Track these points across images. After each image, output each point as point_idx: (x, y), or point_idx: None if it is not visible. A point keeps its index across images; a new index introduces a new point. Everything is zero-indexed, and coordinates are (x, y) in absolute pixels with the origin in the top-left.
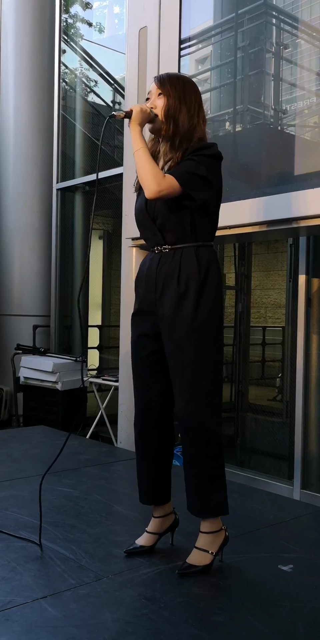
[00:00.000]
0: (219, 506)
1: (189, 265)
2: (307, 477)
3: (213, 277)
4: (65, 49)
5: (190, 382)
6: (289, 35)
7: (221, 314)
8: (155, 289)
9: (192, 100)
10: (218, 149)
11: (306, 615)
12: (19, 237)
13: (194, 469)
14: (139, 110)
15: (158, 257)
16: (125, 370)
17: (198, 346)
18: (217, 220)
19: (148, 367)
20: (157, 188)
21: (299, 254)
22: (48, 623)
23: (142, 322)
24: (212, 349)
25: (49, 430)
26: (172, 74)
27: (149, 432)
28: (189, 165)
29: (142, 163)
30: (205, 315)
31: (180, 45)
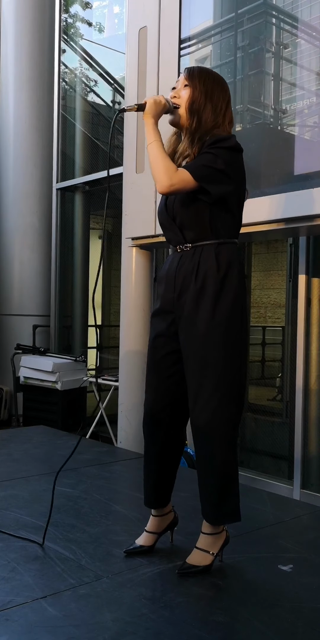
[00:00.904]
0: (231, 514)
1: (207, 264)
2: (307, 477)
3: (233, 276)
4: (65, 49)
5: (209, 383)
6: (289, 35)
7: (242, 315)
8: (174, 289)
9: (219, 98)
10: (236, 142)
11: (306, 615)
12: (18, 237)
13: (208, 477)
14: (153, 102)
15: (179, 256)
16: (125, 370)
17: (216, 348)
18: (241, 215)
19: (163, 370)
20: (169, 182)
21: (299, 254)
22: (48, 623)
23: (160, 321)
24: (232, 352)
25: (48, 430)
26: (204, 68)
27: (158, 436)
28: (205, 158)
29: (154, 156)
30: (223, 316)
31: (180, 45)
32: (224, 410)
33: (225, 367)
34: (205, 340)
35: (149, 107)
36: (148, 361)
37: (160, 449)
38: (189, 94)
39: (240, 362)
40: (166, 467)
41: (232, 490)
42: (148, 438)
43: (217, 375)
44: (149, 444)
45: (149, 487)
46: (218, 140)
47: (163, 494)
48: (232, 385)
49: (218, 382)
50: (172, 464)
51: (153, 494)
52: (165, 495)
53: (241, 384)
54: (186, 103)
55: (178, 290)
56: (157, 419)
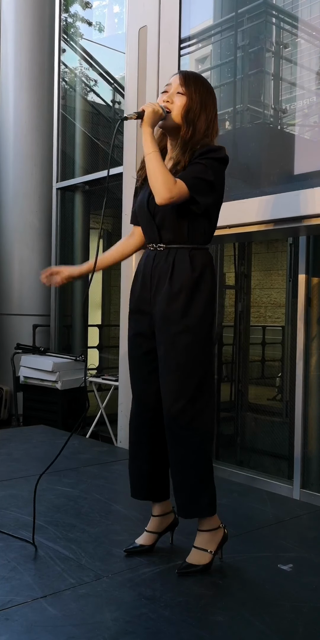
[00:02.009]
0: (205, 508)
1: (182, 266)
2: (306, 477)
3: (207, 280)
4: (65, 48)
5: (179, 381)
6: (289, 34)
7: (213, 316)
8: (150, 288)
9: (211, 109)
10: (225, 153)
11: (306, 615)
12: (18, 237)
13: (182, 470)
14: (151, 111)
15: (153, 254)
16: (125, 369)
17: (188, 346)
18: (217, 223)
19: (143, 366)
20: (168, 195)
21: (299, 254)
22: (48, 622)
23: (137, 320)
24: (203, 350)
25: (48, 429)
26: (198, 76)
27: (144, 430)
28: (198, 169)
29: (153, 168)
30: (197, 316)
31: (180, 45)
32: (193, 408)
33: (198, 363)
34: (176, 340)
35: (147, 116)
36: (129, 358)
37: (152, 442)
38: (185, 102)
39: (209, 361)
40: (158, 460)
41: (207, 484)
42: (138, 434)
43: (185, 374)
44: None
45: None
46: (210, 150)
47: (158, 487)
48: (203, 382)
49: (187, 381)
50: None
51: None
52: (161, 488)
53: (211, 381)
54: (182, 111)
55: (154, 290)
56: (145, 415)
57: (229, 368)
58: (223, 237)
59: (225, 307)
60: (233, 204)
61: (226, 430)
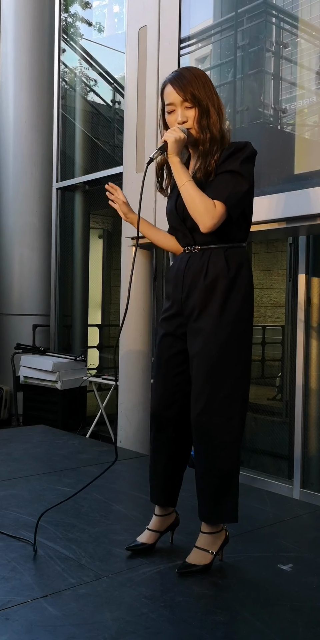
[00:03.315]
0: (227, 515)
1: (217, 266)
2: (306, 476)
3: (243, 278)
4: (65, 48)
5: (213, 382)
6: (289, 34)
7: (250, 316)
8: (182, 289)
9: (212, 92)
10: (252, 148)
11: (306, 615)
12: (18, 237)
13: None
14: (173, 140)
15: (187, 257)
16: (125, 369)
17: (222, 346)
18: (251, 217)
19: (172, 368)
20: (211, 222)
21: (299, 254)
22: (48, 622)
23: (169, 321)
24: (238, 351)
25: (48, 429)
26: (186, 74)
27: (167, 434)
28: (232, 181)
29: (191, 198)
30: (231, 316)
31: (180, 45)
32: (226, 411)
33: (230, 368)
34: (212, 338)
35: (171, 147)
36: (155, 360)
37: (167, 448)
38: (195, 113)
39: (245, 363)
40: (173, 467)
41: (230, 491)
42: (154, 437)
43: (219, 374)
44: (156, 444)
45: (158, 484)
46: (237, 150)
47: (171, 493)
48: (236, 386)
49: (222, 382)
50: (180, 463)
51: (161, 493)
52: (173, 494)
53: (246, 384)
54: (195, 123)
55: (186, 291)
56: (163, 418)
57: None
58: None
59: None
60: None
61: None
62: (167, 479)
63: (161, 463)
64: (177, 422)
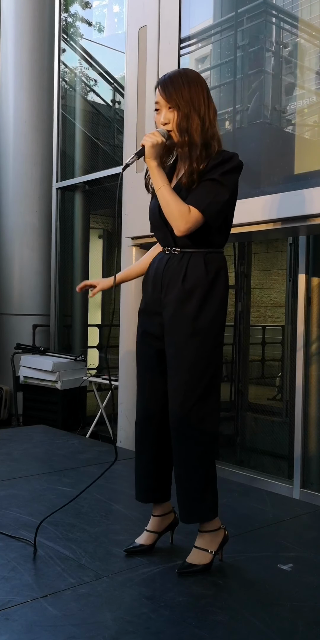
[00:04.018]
0: (206, 513)
1: (196, 270)
2: (306, 476)
3: (220, 283)
4: (65, 48)
5: (188, 382)
6: (289, 34)
7: (224, 320)
8: (161, 289)
9: (200, 100)
10: (239, 160)
11: (306, 614)
12: (18, 237)
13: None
14: (150, 145)
15: (167, 257)
16: (125, 369)
17: (198, 349)
18: (232, 224)
19: (152, 367)
20: (185, 227)
21: (299, 253)
22: (48, 622)
23: (147, 320)
24: (212, 353)
25: (48, 429)
26: (175, 76)
27: (151, 431)
28: (211, 189)
29: (166, 202)
30: (208, 319)
31: (180, 44)
32: (200, 412)
33: (207, 366)
34: (187, 341)
35: (148, 151)
36: (138, 357)
37: (158, 444)
38: (175, 116)
39: (217, 365)
40: (163, 463)
41: (207, 490)
42: (144, 435)
43: (194, 376)
44: (145, 441)
45: (142, 482)
46: (224, 161)
47: (161, 489)
48: (210, 387)
49: (195, 383)
50: (169, 459)
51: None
52: (163, 490)
53: (218, 385)
54: (175, 126)
55: (165, 291)
56: (151, 415)
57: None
58: None
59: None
60: None
61: (226, 430)
62: (153, 478)
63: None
64: (161, 420)
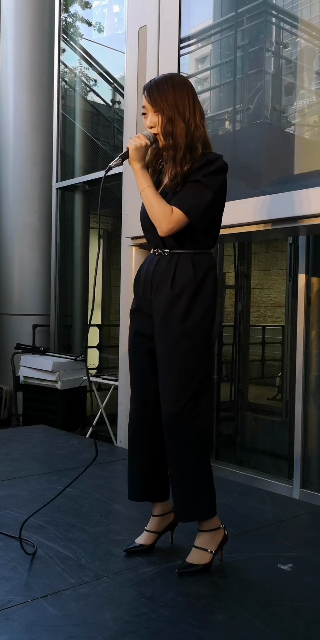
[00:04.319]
0: (204, 510)
1: (184, 270)
2: (306, 476)
3: (209, 284)
4: (65, 48)
5: (179, 383)
6: (289, 34)
7: (213, 321)
8: (151, 290)
9: (186, 104)
10: (224, 162)
11: (306, 614)
12: (18, 237)
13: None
14: (134, 148)
15: (156, 259)
16: (125, 369)
17: (187, 349)
18: (221, 225)
19: (144, 367)
20: (167, 227)
21: (299, 253)
22: (48, 622)
23: (139, 320)
24: (202, 354)
25: (48, 429)
26: (160, 81)
27: (144, 430)
28: (195, 191)
29: (149, 203)
30: (197, 320)
31: (179, 44)
32: (191, 412)
33: (194, 369)
34: (176, 343)
35: (132, 154)
36: (130, 357)
37: (152, 443)
38: (160, 119)
39: (208, 365)
40: (158, 461)
41: (202, 489)
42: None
43: (184, 377)
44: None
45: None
46: (208, 163)
47: (158, 488)
48: (201, 388)
49: (186, 384)
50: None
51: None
52: (160, 489)
53: (210, 385)
54: (160, 129)
55: (154, 292)
56: (145, 414)
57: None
58: (223, 237)
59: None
60: (233, 204)
61: (226, 430)
62: (149, 476)
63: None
64: (154, 419)
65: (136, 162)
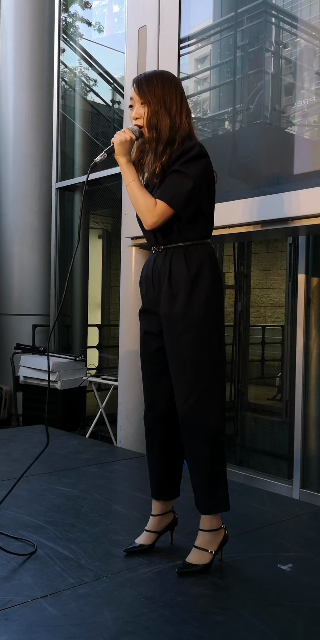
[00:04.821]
0: (221, 503)
1: (178, 266)
2: (306, 476)
3: (205, 274)
4: (65, 48)
5: (189, 380)
6: (289, 34)
7: (216, 310)
8: (153, 289)
9: (173, 100)
10: (200, 148)
11: (305, 614)
12: (18, 237)
13: (197, 467)
14: (119, 142)
15: (154, 257)
16: (125, 369)
17: (193, 344)
18: (213, 214)
19: (155, 365)
20: (152, 220)
21: (299, 253)
22: (47, 622)
23: (147, 320)
24: (210, 345)
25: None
26: (150, 75)
27: (157, 428)
28: (174, 181)
29: (134, 197)
30: (198, 314)
31: (179, 45)
32: (204, 404)
33: (203, 363)
34: (180, 339)
35: (117, 149)
36: (141, 357)
37: (164, 441)
38: (146, 111)
39: (218, 360)
40: (171, 459)
41: (217, 481)
42: (151, 432)
43: (194, 372)
44: (153, 438)
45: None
46: (183, 152)
47: (170, 486)
48: (212, 383)
49: (196, 379)
50: (177, 455)
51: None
52: (172, 487)
53: (221, 379)
54: (146, 121)
55: (157, 290)
56: (157, 412)
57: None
58: (223, 237)
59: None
60: (233, 203)
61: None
62: (163, 474)
63: (155, 459)
64: (168, 416)
65: (122, 156)
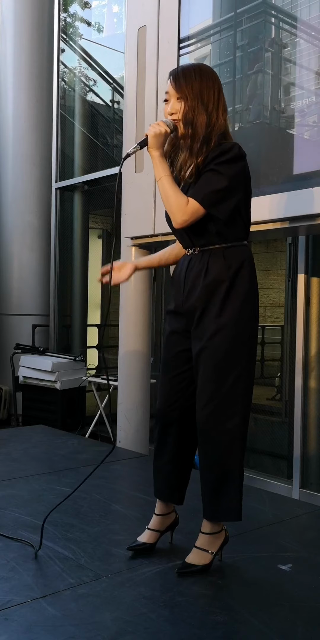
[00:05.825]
0: (229, 512)
1: (216, 266)
2: (306, 476)
3: (243, 277)
4: (64, 48)
5: (214, 381)
6: (288, 34)
7: (252, 315)
8: (184, 289)
9: (210, 95)
10: (239, 150)
11: (305, 614)
12: (18, 237)
13: (210, 471)
14: (153, 135)
15: (188, 259)
16: (125, 369)
17: (223, 346)
18: (249, 215)
19: (178, 366)
20: (183, 218)
21: (298, 254)
22: (47, 622)
23: (174, 319)
24: (239, 350)
25: (48, 429)
26: (188, 68)
27: (171, 430)
28: (210, 180)
29: (165, 193)
30: (231, 316)
31: (179, 44)
32: (227, 410)
33: (231, 368)
34: (211, 340)
35: (151, 141)
36: (164, 356)
37: (178, 443)
38: (182, 106)
39: (248, 363)
40: (183, 462)
41: (231, 489)
42: (164, 433)
43: (223, 375)
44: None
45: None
46: (222, 152)
47: (180, 489)
48: (238, 386)
49: (223, 382)
50: (185, 462)
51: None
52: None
53: (248, 384)
54: (181, 116)
55: (187, 292)
56: (168, 416)
57: None
58: None
59: None
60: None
61: None
62: (171, 477)
63: (165, 461)
64: (182, 420)
65: (155, 150)
